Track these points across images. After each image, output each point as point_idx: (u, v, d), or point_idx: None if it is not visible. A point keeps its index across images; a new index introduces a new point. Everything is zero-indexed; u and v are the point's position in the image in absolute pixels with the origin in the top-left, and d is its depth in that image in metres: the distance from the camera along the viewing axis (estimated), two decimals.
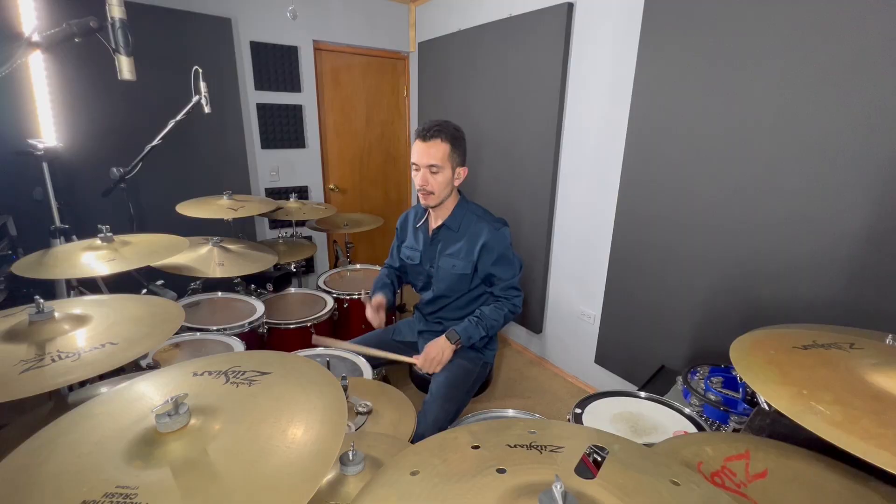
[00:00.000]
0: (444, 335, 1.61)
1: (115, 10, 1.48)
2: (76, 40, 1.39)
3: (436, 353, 1.58)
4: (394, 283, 1.90)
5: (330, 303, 2.19)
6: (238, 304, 2.05)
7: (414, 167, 1.59)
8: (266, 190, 3.17)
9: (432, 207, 1.67)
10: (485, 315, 1.64)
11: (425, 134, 1.54)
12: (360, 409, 1.22)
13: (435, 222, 1.74)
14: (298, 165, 3.26)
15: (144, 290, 1.81)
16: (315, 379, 0.71)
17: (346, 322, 2.32)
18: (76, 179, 2.36)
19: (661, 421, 1.21)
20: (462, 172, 1.63)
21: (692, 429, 1.19)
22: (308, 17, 3.02)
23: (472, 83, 2.92)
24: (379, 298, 1.75)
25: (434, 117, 1.61)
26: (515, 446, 0.63)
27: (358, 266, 2.73)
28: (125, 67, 1.54)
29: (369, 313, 1.74)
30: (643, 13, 1.87)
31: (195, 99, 2.02)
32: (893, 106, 1.26)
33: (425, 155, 1.54)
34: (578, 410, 1.21)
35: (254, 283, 2.35)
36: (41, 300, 0.98)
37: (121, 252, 1.43)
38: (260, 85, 2.96)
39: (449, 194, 1.64)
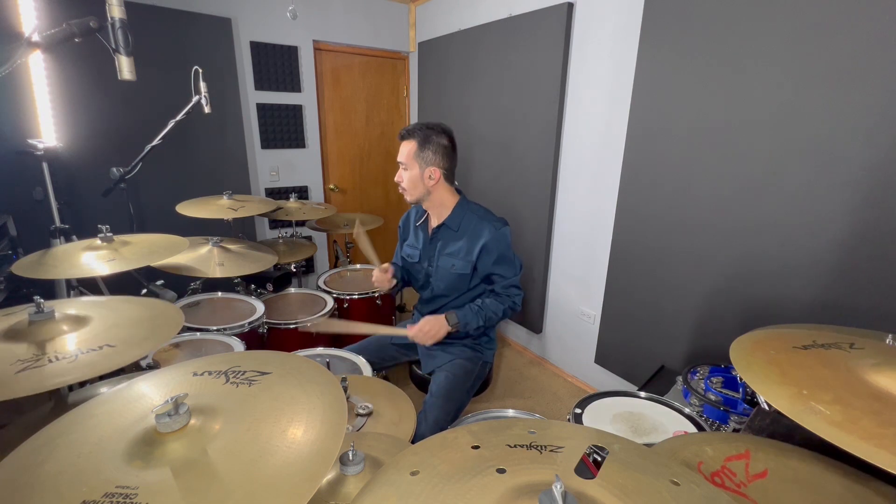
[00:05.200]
0: (444, 315, 1.61)
1: (115, 10, 1.48)
2: (76, 40, 1.39)
3: (430, 328, 1.57)
4: (399, 272, 1.92)
5: (330, 303, 2.18)
6: (238, 304, 2.05)
7: None
8: (266, 190, 3.17)
9: (411, 203, 1.73)
10: (486, 305, 1.65)
11: (401, 134, 1.65)
12: (361, 411, 1.22)
13: (435, 221, 1.74)
14: (298, 165, 3.26)
15: (144, 291, 1.81)
16: (315, 379, 0.71)
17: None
18: (76, 179, 2.36)
19: (661, 421, 1.21)
20: (434, 173, 1.61)
21: (692, 429, 1.19)
22: (308, 17, 3.02)
23: (473, 83, 2.92)
24: (387, 265, 1.80)
25: (434, 117, 1.64)
26: (515, 446, 0.63)
27: (358, 266, 2.73)
28: (125, 67, 1.54)
29: (376, 273, 1.77)
30: (643, 13, 1.87)
31: (195, 99, 2.02)
32: (894, 106, 1.26)
33: (399, 153, 1.64)
34: (578, 410, 1.21)
35: (254, 283, 2.34)
36: (41, 300, 0.98)
37: (121, 252, 1.43)
38: (260, 85, 2.96)
39: (424, 193, 1.65)
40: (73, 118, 2.31)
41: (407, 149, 1.61)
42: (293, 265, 2.53)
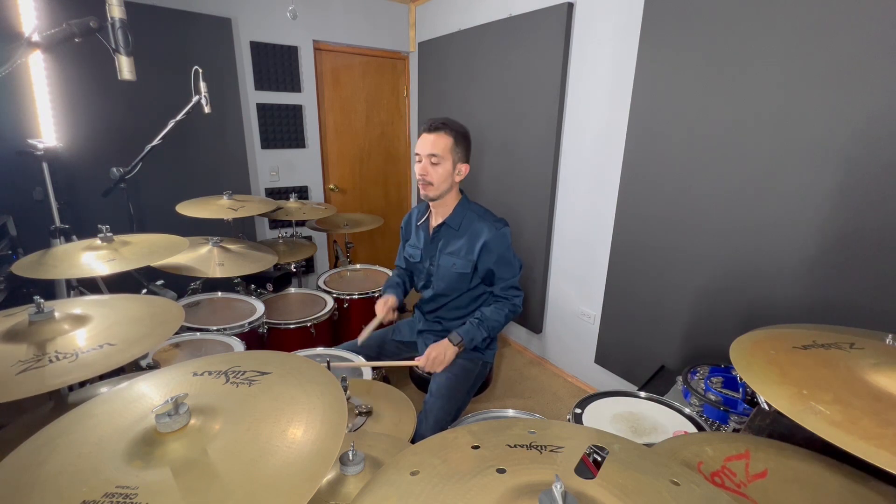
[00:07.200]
0: (446, 338, 1.62)
1: (115, 10, 1.48)
2: (76, 40, 1.39)
3: (438, 354, 1.59)
4: (405, 283, 1.92)
5: (330, 303, 2.19)
6: (238, 304, 2.05)
7: (416, 157, 1.62)
8: (266, 190, 3.17)
9: (431, 200, 1.67)
10: (486, 316, 1.65)
11: (431, 126, 1.59)
12: (360, 411, 1.22)
13: (436, 220, 1.74)
14: (298, 165, 3.26)
15: (144, 290, 1.81)
16: (315, 379, 0.71)
17: (346, 322, 2.32)
18: (76, 179, 2.36)
19: (661, 421, 1.21)
20: (463, 169, 1.64)
21: (692, 429, 1.19)
22: (308, 17, 3.02)
23: (472, 83, 2.92)
24: (388, 299, 1.77)
25: (435, 117, 1.63)
26: (515, 446, 0.63)
27: (358, 266, 2.73)
28: (125, 67, 1.54)
29: (378, 310, 1.75)
30: (643, 13, 1.86)
31: (195, 99, 2.02)
32: (894, 106, 1.26)
33: (429, 144, 1.58)
34: (578, 410, 1.21)
35: (254, 283, 2.35)
36: (41, 300, 0.98)
37: (121, 252, 1.43)
38: (260, 85, 2.96)
39: (448, 189, 1.64)
40: (73, 118, 2.31)
41: (444, 142, 1.57)
42: (293, 265, 2.54)
